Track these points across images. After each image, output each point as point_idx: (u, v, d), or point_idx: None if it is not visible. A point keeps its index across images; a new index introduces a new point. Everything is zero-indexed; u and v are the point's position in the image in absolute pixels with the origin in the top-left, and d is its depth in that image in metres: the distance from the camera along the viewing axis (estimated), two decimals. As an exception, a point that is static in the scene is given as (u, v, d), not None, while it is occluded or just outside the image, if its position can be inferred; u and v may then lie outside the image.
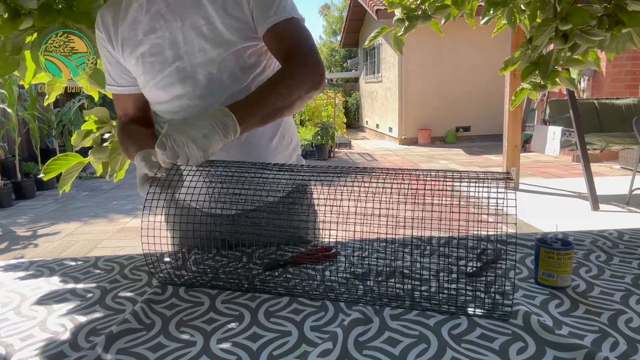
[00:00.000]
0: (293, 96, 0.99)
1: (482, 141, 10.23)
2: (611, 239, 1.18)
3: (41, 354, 0.72)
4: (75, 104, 7.45)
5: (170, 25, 1.05)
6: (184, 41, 1.05)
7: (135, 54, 1.07)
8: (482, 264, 0.99)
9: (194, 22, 1.04)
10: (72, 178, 1.58)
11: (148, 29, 1.05)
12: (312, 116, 10.01)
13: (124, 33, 1.07)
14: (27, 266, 1.13)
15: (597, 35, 1.39)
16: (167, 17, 1.05)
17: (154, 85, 1.09)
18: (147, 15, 1.05)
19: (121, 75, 1.13)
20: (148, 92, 1.12)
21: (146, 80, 1.09)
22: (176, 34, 1.05)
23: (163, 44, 1.05)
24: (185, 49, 1.05)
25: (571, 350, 0.67)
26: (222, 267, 1.04)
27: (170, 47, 1.05)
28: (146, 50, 1.06)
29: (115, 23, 1.08)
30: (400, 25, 1.93)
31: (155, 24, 1.05)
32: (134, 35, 1.06)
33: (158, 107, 1.14)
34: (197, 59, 1.05)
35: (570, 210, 4.26)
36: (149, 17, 1.05)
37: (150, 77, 1.08)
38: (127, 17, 1.07)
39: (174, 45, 1.05)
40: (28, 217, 5.20)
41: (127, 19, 1.07)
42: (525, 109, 5.18)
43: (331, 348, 0.69)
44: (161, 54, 1.06)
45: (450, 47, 9.60)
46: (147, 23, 1.05)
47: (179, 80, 1.07)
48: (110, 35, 1.09)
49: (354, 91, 15.97)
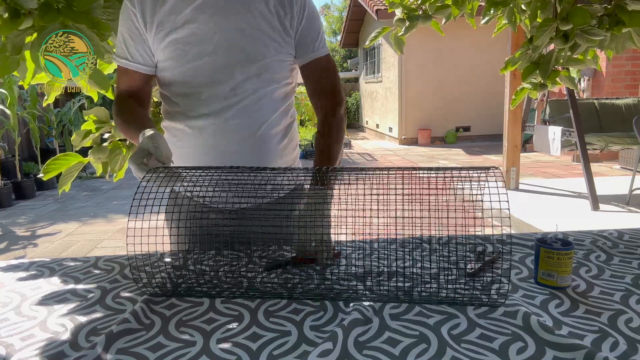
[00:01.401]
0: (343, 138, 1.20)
1: (482, 141, 10.23)
2: (611, 239, 1.18)
3: (41, 354, 0.72)
4: (75, 104, 7.46)
5: (214, 20, 1.08)
6: (223, 38, 1.08)
7: (169, 37, 1.09)
8: (483, 263, 0.99)
9: (238, 24, 1.08)
10: (72, 178, 1.58)
11: (189, 18, 1.08)
12: (312, 116, 10.01)
13: (162, 15, 1.09)
14: (27, 266, 1.13)
15: (598, 35, 1.39)
16: (213, 12, 1.08)
17: (179, 72, 1.11)
18: (192, 5, 1.08)
19: (141, 52, 1.13)
20: (169, 76, 1.14)
21: (172, 66, 1.11)
22: (216, 29, 1.08)
23: (201, 35, 1.08)
24: (222, 45, 1.09)
25: (571, 350, 0.67)
26: (222, 270, 1.03)
27: (207, 41, 1.08)
28: (181, 37, 1.08)
29: (153, 4, 1.09)
30: (400, 25, 1.93)
31: (198, 15, 1.08)
32: (172, 20, 1.08)
33: (176, 90, 1.15)
34: (232, 58, 1.09)
35: (570, 210, 4.26)
36: (193, 7, 1.08)
37: (179, 64, 1.10)
38: (167, 1, 1.09)
39: (211, 39, 1.08)
40: (28, 217, 5.20)
41: (168, 4, 1.09)
42: (525, 109, 5.18)
43: (331, 348, 0.69)
44: (197, 45, 1.08)
45: (451, 47, 9.60)
46: (188, 13, 1.08)
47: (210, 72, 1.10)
48: (144, 13, 1.10)
49: (354, 91, 15.97)
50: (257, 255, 1.10)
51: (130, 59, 1.14)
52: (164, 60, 1.12)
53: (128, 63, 1.14)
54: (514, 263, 1.04)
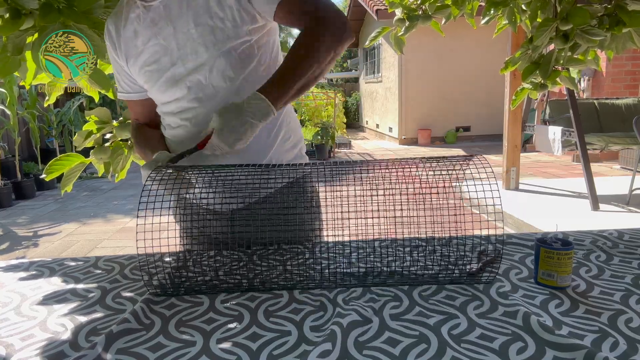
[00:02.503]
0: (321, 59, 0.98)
1: (482, 141, 10.23)
2: (611, 239, 1.18)
3: (41, 354, 0.72)
4: (75, 103, 7.45)
5: (164, 32, 1.07)
6: (177, 46, 1.07)
7: (137, 63, 1.11)
8: (482, 263, 0.99)
9: (183, 27, 1.05)
10: (74, 178, 1.58)
11: (145, 39, 1.08)
12: (312, 116, 10.00)
13: (126, 44, 1.11)
14: (27, 266, 1.13)
15: (598, 35, 1.39)
16: (160, 24, 1.07)
17: (156, 90, 1.13)
18: (144, 24, 1.08)
19: (127, 82, 1.18)
20: (153, 96, 1.17)
21: (150, 87, 1.14)
22: (169, 40, 1.07)
23: (160, 50, 1.08)
24: (178, 54, 1.07)
25: (571, 350, 0.67)
26: (222, 268, 1.04)
27: (165, 54, 1.08)
28: (146, 59, 1.10)
29: (118, 33, 1.12)
30: (401, 25, 1.93)
31: (151, 32, 1.08)
32: (134, 46, 1.10)
33: (163, 108, 1.18)
34: (190, 63, 1.07)
35: (570, 210, 4.26)
36: (145, 26, 1.08)
37: (152, 84, 1.12)
38: (127, 28, 1.10)
39: (168, 51, 1.08)
40: (28, 217, 5.20)
41: (128, 30, 1.10)
42: (525, 109, 5.17)
43: (330, 349, 0.69)
44: (158, 62, 1.09)
45: (451, 47, 9.60)
46: (144, 32, 1.08)
47: (174, 84, 1.10)
48: (115, 45, 1.13)
49: (354, 91, 15.97)
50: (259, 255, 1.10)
51: (123, 90, 1.20)
52: (143, 84, 1.15)
53: (123, 95, 1.21)
54: (514, 263, 1.04)
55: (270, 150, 1.16)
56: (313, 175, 1.21)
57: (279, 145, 1.18)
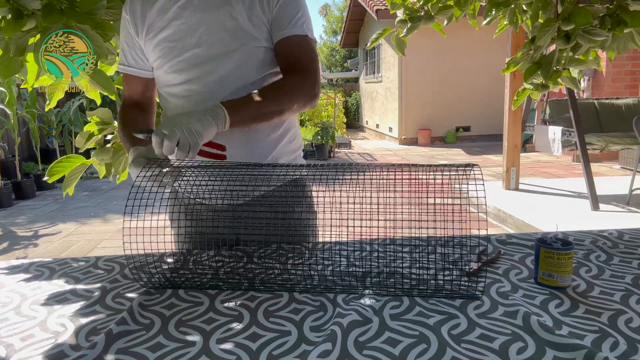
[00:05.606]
0: (284, 105, 1.08)
1: (482, 141, 10.23)
2: (611, 239, 1.18)
3: (41, 354, 0.72)
4: (75, 103, 7.45)
5: (196, 15, 1.11)
6: (206, 31, 1.11)
7: (157, 37, 1.13)
8: (482, 263, 0.99)
9: (218, 17, 1.10)
10: (76, 180, 1.58)
11: (174, 16, 1.12)
12: (312, 116, 10.02)
13: (151, 18, 1.13)
14: (27, 266, 1.13)
15: (600, 36, 1.39)
16: (194, 8, 1.11)
17: (168, 67, 1.14)
18: (177, 4, 1.12)
19: (135, 56, 1.19)
20: (160, 74, 1.18)
21: (161, 64, 1.15)
22: (200, 23, 1.11)
23: (186, 30, 1.11)
24: (205, 38, 1.11)
25: (571, 350, 0.67)
26: (222, 267, 1.04)
27: (191, 35, 1.11)
28: (169, 35, 1.12)
29: (143, 8, 1.14)
30: (402, 26, 1.93)
31: (183, 12, 1.11)
32: (160, 20, 1.13)
33: (167, 90, 1.19)
34: (215, 49, 1.11)
35: (570, 210, 4.26)
36: (178, 6, 1.12)
37: (166, 61, 1.14)
38: (156, 4, 1.13)
39: (195, 33, 1.11)
40: (28, 217, 5.20)
41: (156, 5, 1.13)
42: (525, 109, 5.17)
43: (330, 349, 0.69)
44: (182, 40, 1.12)
45: (451, 47, 9.60)
46: (174, 11, 1.12)
47: (194, 65, 1.12)
48: (135, 20, 1.15)
49: (354, 91, 15.97)
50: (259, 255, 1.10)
51: (127, 63, 1.20)
52: (154, 60, 1.16)
53: (125, 68, 1.21)
54: (514, 263, 1.04)
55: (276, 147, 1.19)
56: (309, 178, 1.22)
57: (284, 145, 1.22)
